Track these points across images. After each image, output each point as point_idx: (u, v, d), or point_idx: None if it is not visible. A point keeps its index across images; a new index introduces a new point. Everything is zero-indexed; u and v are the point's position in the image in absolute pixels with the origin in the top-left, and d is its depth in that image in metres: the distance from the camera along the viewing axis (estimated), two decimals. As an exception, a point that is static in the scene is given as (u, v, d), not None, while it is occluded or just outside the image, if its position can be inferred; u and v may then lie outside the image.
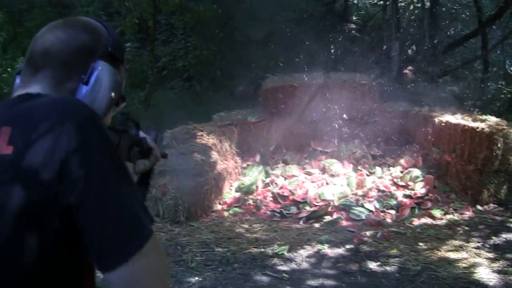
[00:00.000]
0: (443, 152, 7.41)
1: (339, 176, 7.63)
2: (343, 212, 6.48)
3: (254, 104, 9.85)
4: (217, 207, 6.82)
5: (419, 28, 12.97)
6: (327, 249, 5.14)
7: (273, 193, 7.16)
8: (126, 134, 1.42)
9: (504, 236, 5.42)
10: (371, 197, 6.88)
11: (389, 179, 7.53)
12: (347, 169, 7.90)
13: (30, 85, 1.21)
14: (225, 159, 7.46)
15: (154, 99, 11.49)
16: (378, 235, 5.54)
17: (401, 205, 6.64)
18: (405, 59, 11.97)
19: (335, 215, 6.41)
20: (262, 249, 5.18)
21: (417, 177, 7.26)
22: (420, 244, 5.26)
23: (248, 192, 7.21)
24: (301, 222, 6.27)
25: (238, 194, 7.19)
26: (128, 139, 1.45)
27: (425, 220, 6.21)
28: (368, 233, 5.62)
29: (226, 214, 6.63)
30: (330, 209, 6.53)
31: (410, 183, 7.24)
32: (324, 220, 6.31)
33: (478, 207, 6.37)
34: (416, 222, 6.14)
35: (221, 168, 7.06)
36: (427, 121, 8.04)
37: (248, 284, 4.42)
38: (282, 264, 4.83)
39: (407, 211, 6.43)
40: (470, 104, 10.80)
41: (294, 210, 6.68)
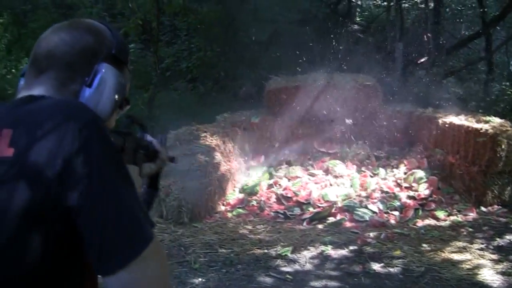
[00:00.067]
0: (447, 153, 7.39)
1: (343, 178, 7.62)
2: (347, 213, 6.47)
3: (258, 105, 9.84)
4: (221, 208, 6.82)
5: (423, 29, 12.95)
6: (331, 250, 5.14)
7: (277, 194, 7.16)
8: (131, 137, 1.41)
9: (508, 238, 5.41)
10: (375, 198, 6.88)
11: (393, 180, 7.52)
12: (351, 170, 7.89)
13: (34, 87, 1.21)
14: (229, 160, 7.46)
15: (158, 100, 11.50)
16: (382, 236, 5.53)
17: (405, 206, 6.63)
18: (409, 60, 11.95)
19: (339, 216, 6.40)
20: (266, 250, 5.18)
21: (421, 178, 7.25)
22: (424, 246, 5.25)
23: (252, 193, 7.21)
24: (305, 223, 6.27)
25: (242, 195, 7.19)
26: (134, 142, 1.44)
27: (429, 222, 6.20)
28: (372, 234, 5.62)
29: (230, 215, 6.63)
30: (334, 211, 6.53)
31: (414, 184, 7.23)
32: (328, 221, 6.31)
33: (482, 209, 6.36)
34: (420, 224, 6.13)
35: (225, 169, 7.06)
36: (431, 122, 8.03)
37: (252, 285, 4.43)
38: (286, 265, 4.83)
39: (411, 213, 6.42)
40: (474, 105, 10.76)
41: (298, 211, 6.67)
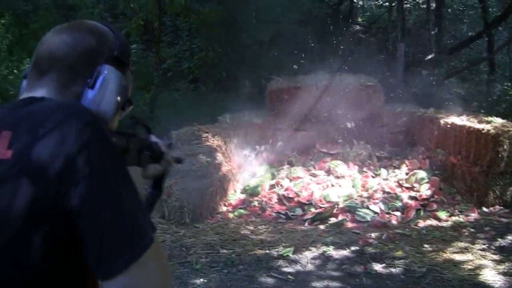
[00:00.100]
0: (449, 154, 7.39)
1: (345, 178, 7.62)
2: (348, 214, 6.47)
3: (260, 106, 9.85)
4: (222, 209, 6.81)
5: (425, 30, 12.96)
6: (332, 251, 5.13)
7: (278, 195, 7.15)
8: (135, 138, 1.40)
9: (510, 238, 5.40)
10: (377, 199, 6.87)
11: (395, 181, 7.51)
12: (353, 171, 7.89)
13: (36, 89, 1.20)
14: (230, 161, 7.46)
15: (160, 101, 11.51)
16: (383, 237, 5.53)
17: (407, 207, 6.62)
18: (411, 61, 11.96)
19: (340, 217, 6.40)
20: (267, 251, 5.17)
21: (423, 179, 7.24)
22: (426, 246, 5.24)
23: (253, 194, 7.21)
24: (306, 224, 6.27)
25: (243, 196, 7.19)
26: (138, 143, 1.43)
27: (431, 222, 6.19)
28: (373, 235, 5.61)
29: (231, 216, 6.63)
30: (335, 211, 6.53)
31: (416, 185, 7.22)
32: (329, 222, 6.30)
33: (484, 209, 6.34)
34: (422, 224, 6.12)
35: (226, 170, 7.06)
36: (433, 123, 8.03)
37: (253, 286, 4.42)
38: (287, 266, 4.82)
39: (413, 213, 6.42)
40: (476, 106, 10.76)
41: (299, 212, 6.67)
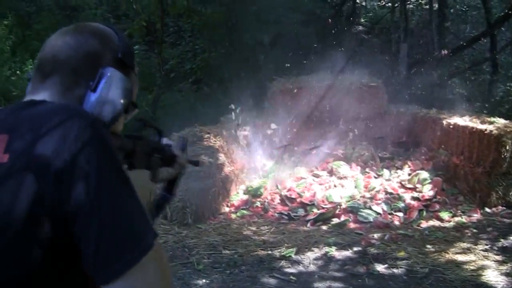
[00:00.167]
0: (451, 154, 7.39)
1: (347, 179, 7.62)
2: (351, 215, 6.47)
3: (262, 107, 9.85)
4: (225, 210, 6.81)
5: (428, 30, 12.95)
6: (335, 252, 5.13)
7: (281, 196, 7.15)
8: (143, 141, 1.38)
9: (513, 239, 5.40)
10: (379, 200, 6.86)
11: (397, 182, 7.50)
12: (355, 172, 7.89)
13: (39, 92, 1.20)
14: (232, 161, 7.47)
15: (162, 102, 11.52)
16: (386, 238, 5.52)
17: (409, 208, 6.62)
18: (414, 61, 11.95)
19: (343, 218, 6.39)
20: (270, 252, 5.17)
21: (425, 180, 7.23)
22: (428, 247, 5.24)
23: (256, 195, 7.20)
24: (309, 225, 6.27)
25: (246, 197, 7.18)
26: (146, 146, 1.41)
27: (433, 223, 6.19)
28: (376, 236, 5.61)
29: (234, 217, 6.63)
30: (338, 212, 6.52)
31: (418, 186, 7.21)
32: (332, 223, 6.30)
33: (487, 210, 6.34)
34: (424, 225, 6.12)
35: (229, 171, 7.06)
36: (435, 123, 8.03)
37: (256, 287, 4.42)
38: (290, 267, 4.82)
39: (415, 214, 6.41)
40: (479, 106, 10.74)
41: (302, 213, 6.67)
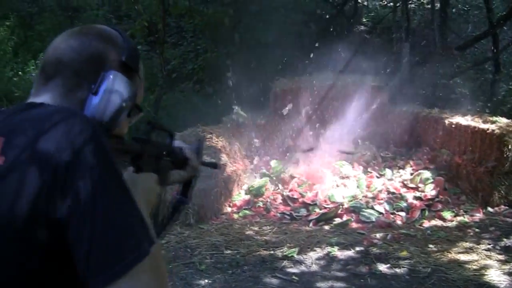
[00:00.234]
0: (454, 154, 7.38)
1: (349, 178, 7.62)
2: (353, 214, 6.47)
3: (264, 106, 9.85)
4: (227, 210, 6.82)
5: (430, 30, 12.93)
6: (337, 252, 5.13)
7: (283, 196, 7.16)
8: (151, 144, 1.36)
9: (515, 238, 5.39)
10: (381, 199, 6.87)
11: (399, 181, 7.50)
12: (357, 171, 7.89)
13: (41, 94, 1.19)
14: (235, 162, 7.47)
15: (164, 102, 11.52)
16: (388, 237, 5.52)
17: (411, 207, 6.62)
18: (416, 61, 11.92)
19: (345, 217, 6.40)
20: (272, 252, 5.17)
21: (427, 179, 7.23)
22: (430, 246, 5.24)
23: (258, 195, 7.21)
24: (311, 225, 6.27)
25: (248, 197, 7.19)
26: (155, 149, 1.39)
27: (435, 222, 6.19)
28: (378, 235, 5.61)
29: (236, 217, 6.63)
30: (340, 211, 6.52)
31: (420, 185, 7.21)
32: (334, 222, 6.30)
33: (489, 209, 6.33)
34: (426, 224, 6.13)
35: (231, 171, 7.06)
36: (437, 123, 8.02)
37: (258, 287, 4.42)
38: (292, 267, 4.82)
39: (417, 213, 6.41)
40: (481, 106, 10.72)
41: (304, 213, 6.68)
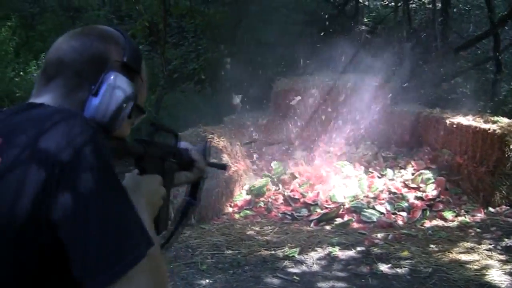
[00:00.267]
0: (455, 154, 7.37)
1: (350, 178, 7.61)
2: (354, 214, 6.47)
3: (265, 106, 9.86)
4: (228, 210, 6.82)
5: (431, 29, 12.92)
6: (338, 252, 5.13)
7: (284, 196, 7.16)
8: (155, 145, 1.35)
9: (516, 238, 5.39)
10: (382, 199, 6.86)
11: (401, 181, 7.49)
12: (358, 171, 7.88)
13: (42, 94, 1.18)
14: (236, 162, 7.47)
15: (165, 102, 11.53)
16: (389, 237, 5.52)
17: (413, 207, 6.61)
18: (417, 61, 11.91)
19: (346, 217, 6.40)
20: (273, 252, 5.17)
21: (429, 179, 7.22)
22: (432, 246, 5.24)
23: (259, 195, 7.21)
24: (312, 225, 6.27)
25: (249, 197, 7.19)
26: (159, 150, 1.39)
27: (437, 222, 6.19)
28: (379, 235, 5.61)
29: (237, 217, 6.64)
30: (341, 211, 6.53)
31: (422, 185, 7.20)
32: (335, 223, 6.30)
33: (490, 209, 6.32)
34: (428, 224, 6.12)
35: (232, 171, 7.06)
36: (439, 123, 8.01)
37: (259, 287, 4.43)
38: (293, 267, 4.82)
39: (419, 213, 6.41)
40: (482, 106, 10.71)
41: (305, 213, 6.68)
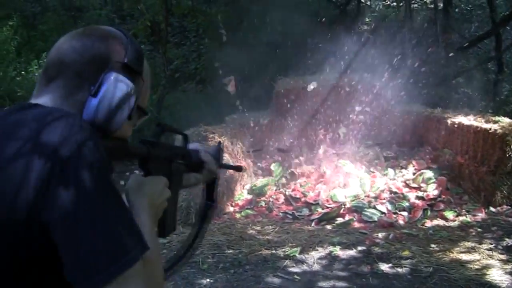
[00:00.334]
0: (456, 154, 7.37)
1: (352, 178, 7.60)
2: (355, 214, 6.47)
3: (267, 106, 9.85)
4: (229, 209, 6.83)
5: (433, 29, 12.91)
6: (339, 251, 5.13)
7: (285, 195, 7.16)
8: (159, 146, 1.34)
9: (517, 238, 5.38)
10: (384, 199, 6.86)
11: (402, 181, 7.49)
12: (360, 171, 7.88)
13: (42, 95, 1.17)
14: (237, 161, 7.46)
15: (167, 102, 11.53)
16: (390, 237, 5.52)
17: (414, 207, 6.61)
18: (418, 60, 11.90)
19: (347, 217, 6.40)
20: (274, 251, 5.18)
21: (430, 179, 7.22)
22: (432, 246, 5.23)
23: (260, 194, 7.22)
24: (313, 224, 6.27)
25: (250, 196, 7.20)
26: (166, 151, 1.38)
27: (438, 222, 6.18)
28: (380, 235, 5.61)
29: (238, 216, 6.64)
30: (342, 211, 6.53)
31: (423, 185, 7.20)
32: (336, 222, 6.30)
33: (491, 209, 6.32)
34: (429, 224, 6.12)
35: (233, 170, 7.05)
36: (440, 123, 8.01)
37: (260, 286, 4.43)
38: (294, 266, 4.83)
39: (420, 213, 6.41)
40: (483, 105, 10.71)
41: (306, 212, 6.68)
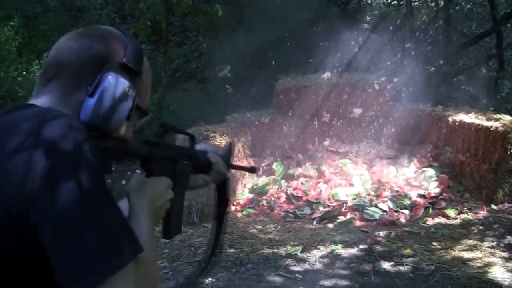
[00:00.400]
0: (457, 152, 7.37)
1: (353, 176, 7.61)
2: (357, 212, 6.47)
3: (268, 105, 9.85)
4: (231, 208, 6.83)
5: (434, 27, 12.90)
6: (341, 250, 5.13)
7: (287, 194, 7.16)
8: (162, 147, 1.33)
9: (519, 236, 5.38)
10: (385, 197, 6.86)
11: (403, 179, 7.49)
12: (361, 169, 7.88)
13: (40, 96, 1.17)
14: (238, 160, 7.47)
15: (168, 101, 11.53)
16: (392, 235, 5.51)
17: (415, 205, 6.61)
18: (419, 59, 11.90)
19: (349, 216, 6.40)
20: (276, 250, 5.18)
21: (431, 177, 7.23)
22: (434, 244, 5.23)
23: (262, 193, 7.22)
24: (315, 223, 6.28)
25: (252, 195, 7.20)
26: (170, 152, 1.38)
27: (439, 220, 6.18)
28: (382, 233, 5.60)
29: (240, 215, 6.65)
30: (344, 210, 6.53)
31: (424, 183, 7.21)
32: (338, 221, 6.31)
33: (493, 207, 6.30)
34: (430, 222, 6.12)
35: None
36: (441, 121, 8.00)
37: (261, 285, 4.43)
38: (296, 265, 4.82)
39: (421, 211, 6.41)
40: (484, 103, 10.70)
41: (308, 211, 6.69)
